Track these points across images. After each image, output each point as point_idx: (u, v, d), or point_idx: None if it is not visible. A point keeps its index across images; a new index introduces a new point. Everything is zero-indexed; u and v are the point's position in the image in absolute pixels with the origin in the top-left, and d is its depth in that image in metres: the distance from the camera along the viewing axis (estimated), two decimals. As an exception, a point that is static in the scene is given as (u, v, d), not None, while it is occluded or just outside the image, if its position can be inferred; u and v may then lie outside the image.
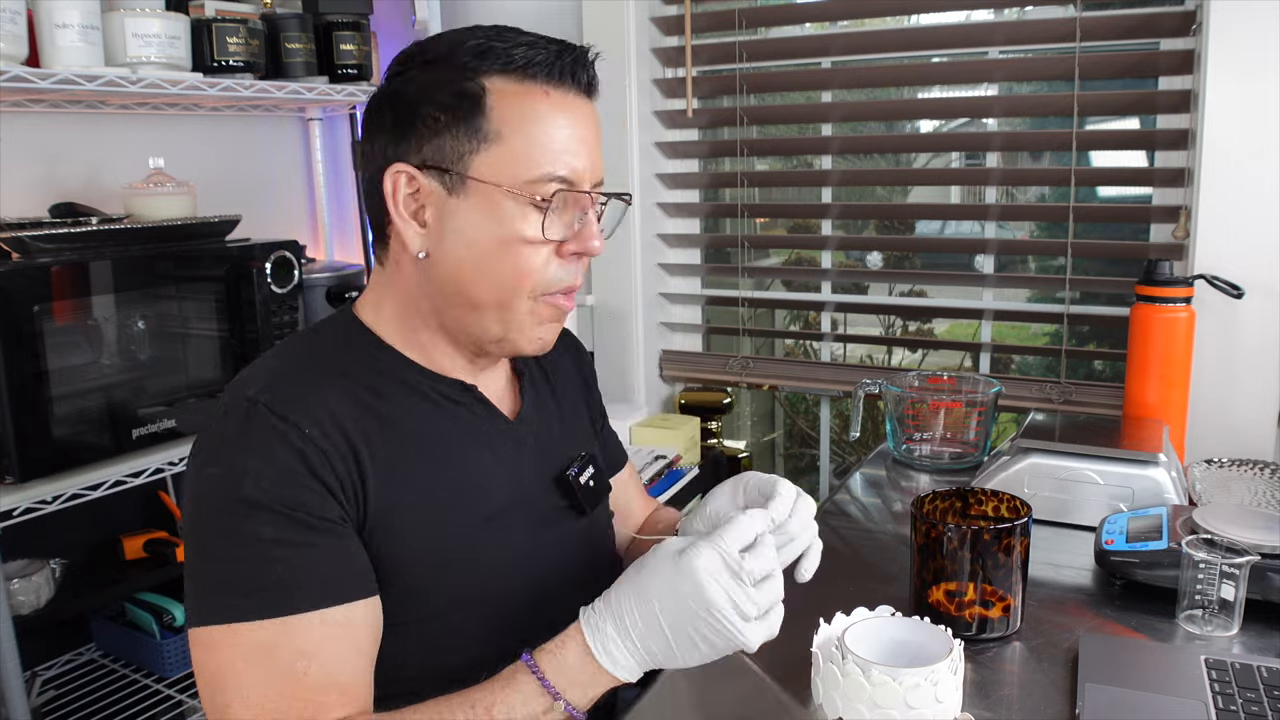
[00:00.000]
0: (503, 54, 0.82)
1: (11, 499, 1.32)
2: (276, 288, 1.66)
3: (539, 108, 0.82)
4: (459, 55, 0.82)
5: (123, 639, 1.72)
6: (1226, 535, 0.96)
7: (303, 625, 0.74)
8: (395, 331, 0.90)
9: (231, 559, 0.76)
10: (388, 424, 0.84)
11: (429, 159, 0.83)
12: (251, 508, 0.76)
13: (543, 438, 0.97)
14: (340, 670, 0.76)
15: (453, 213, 0.83)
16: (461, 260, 0.83)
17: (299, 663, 0.74)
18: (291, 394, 0.81)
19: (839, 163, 2.03)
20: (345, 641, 0.77)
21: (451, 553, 0.85)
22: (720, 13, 1.94)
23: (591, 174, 0.85)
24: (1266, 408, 1.48)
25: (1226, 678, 0.83)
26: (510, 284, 0.83)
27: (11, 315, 1.31)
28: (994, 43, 1.75)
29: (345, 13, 1.89)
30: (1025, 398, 1.74)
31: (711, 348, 2.17)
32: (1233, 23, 1.42)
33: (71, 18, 1.41)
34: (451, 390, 0.90)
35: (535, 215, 0.82)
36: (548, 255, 0.84)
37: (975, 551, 0.92)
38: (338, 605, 0.76)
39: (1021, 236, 1.97)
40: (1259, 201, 1.44)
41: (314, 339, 0.90)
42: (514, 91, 0.82)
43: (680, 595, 0.72)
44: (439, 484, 0.86)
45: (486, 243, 0.82)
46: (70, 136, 1.72)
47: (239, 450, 0.78)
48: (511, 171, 0.81)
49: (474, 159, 0.81)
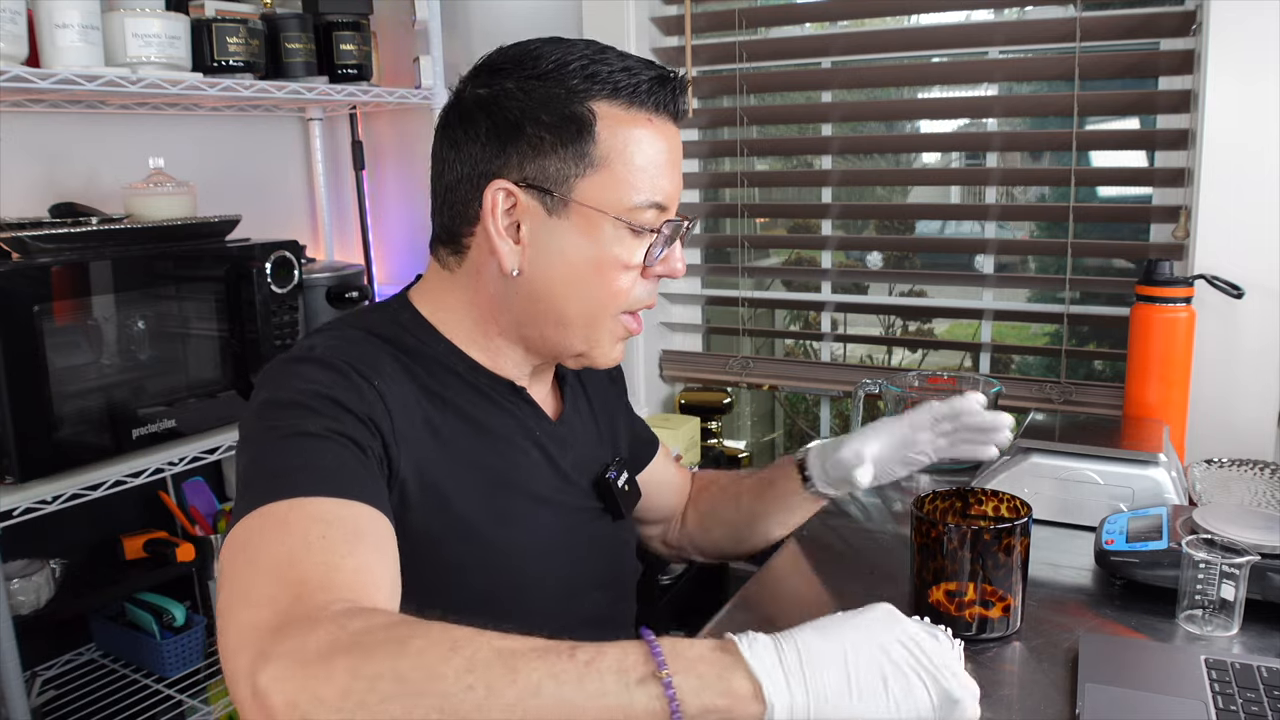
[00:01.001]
0: (608, 79, 0.82)
1: (11, 499, 1.32)
2: (276, 288, 1.66)
3: (643, 135, 0.83)
4: (567, 75, 0.82)
5: (123, 639, 1.72)
6: (1226, 535, 0.96)
7: (324, 504, 0.67)
8: (459, 330, 0.90)
9: (265, 454, 0.71)
10: (446, 404, 0.86)
11: (531, 177, 0.83)
12: (296, 408, 0.73)
13: (583, 440, 0.99)
14: (363, 551, 0.66)
15: (551, 232, 0.83)
16: (556, 279, 0.84)
17: (314, 528, 0.65)
18: (361, 357, 0.80)
19: (839, 163, 2.03)
20: (369, 534, 0.68)
21: (482, 539, 0.86)
22: (720, 13, 1.94)
23: (678, 198, 0.88)
24: (1266, 408, 1.48)
25: (1226, 678, 0.83)
26: (602, 303, 0.85)
27: (11, 315, 1.31)
28: (994, 43, 1.75)
29: (345, 13, 1.89)
30: (1025, 398, 1.74)
31: (711, 348, 2.17)
32: (1233, 23, 1.42)
33: (71, 18, 1.41)
34: (501, 390, 0.91)
35: (631, 239, 0.84)
36: (635, 277, 0.86)
37: (975, 551, 0.92)
38: (365, 503, 0.70)
39: (1021, 236, 1.96)
40: (1259, 201, 1.44)
41: (363, 319, 0.89)
42: (621, 118, 0.83)
43: (869, 622, 0.60)
44: (478, 472, 0.87)
45: (583, 264, 0.84)
46: (70, 136, 1.72)
47: (295, 376, 0.76)
48: (616, 198, 0.83)
49: (579, 183, 0.82)
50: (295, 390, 0.76)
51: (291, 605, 0.58)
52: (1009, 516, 1.00)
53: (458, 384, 0.88)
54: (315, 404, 0.74)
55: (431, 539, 0.82)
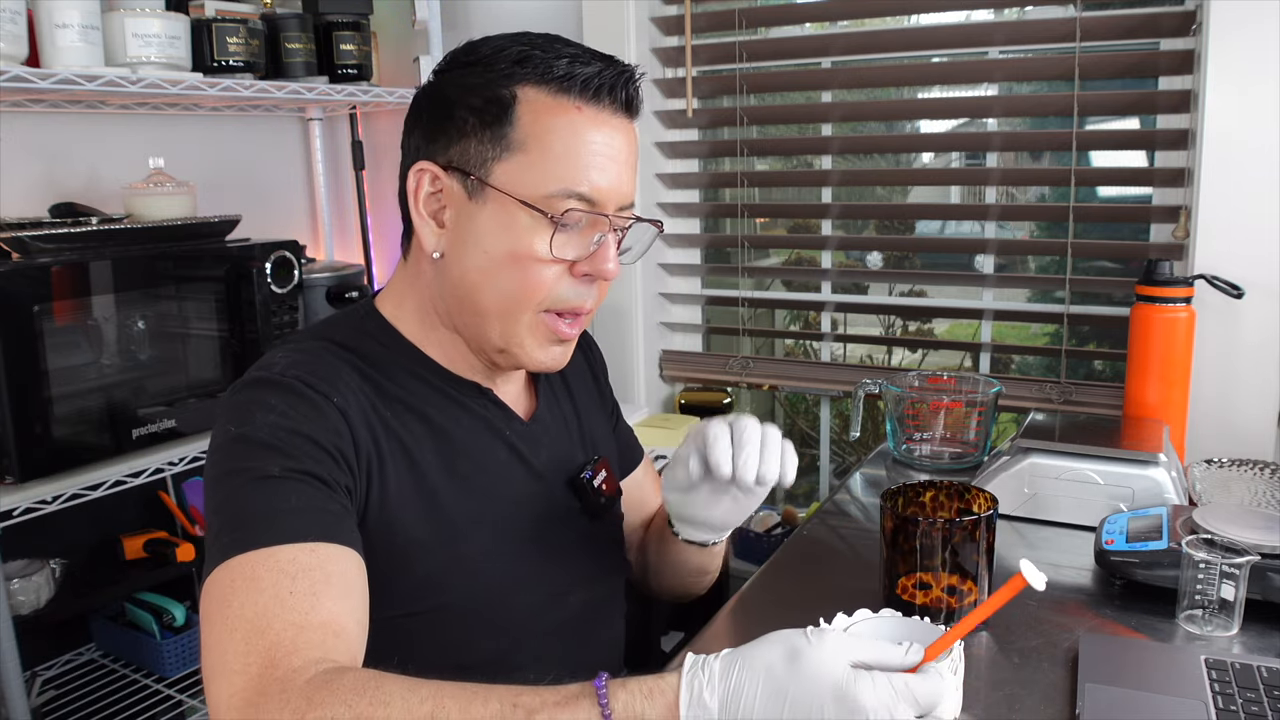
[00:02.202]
0: (541, 63, 0.81)
1: (11, 499, 1.32)
2: (276, 288, 1.66)
3: (568, 122, 0.81)
4: (499, 60, 0.81)
5: (123, 639, 1.72)
6: (1226, 535, 0.96)
7: (291, 552, 0.70)
8: (415, 328, 0.90)
9: (233, 499, 0.74)
10: (408, 411, 0.85)
11: (455, 160, 0.82)
12: (261, 448, 0.75)
13: (557, 440, 0.97)
14: (329, 601, 0.70)
15: (470, 217, 0.82)
16: (471, 266, 0.83)
17: (283, 583, 0.68)
18: (317, 370, 0.81)
19: (839, 163, 2.03)
20: (336, 578, 0.71)
21: (459, 543, 0.85)
22: (720, 13, 1.94)
23: (616, 195, 0.84)
24: (1266, 408, 1.48)
25: (1226, 678, 0.83)
26: (516, 296, 0.82)
27: (11, 315, 1.31)
28: (994, 43, 1.75)
29: (345, 13, 1.89)
30: (1025, 398, 1.74)
31: (711, 348, 2.17)
32: (1233, 23, 1.42)
33: (71, 18, 1.41)
34: (467, 391, 0.90)
35: (548, 230, 0.80)
36: (559, 273, 0.83)
37: (945, 543, 0.94)
38: (331, 543, 0.72)
39: (1021, 236, 1.96)
40: (1259, 201, 1.44)
41: (328, 329, 0.90)
42: (545, 104, 0.81)
43: (810, 697, 0.59)
44: (447, 476, 0.86)
45: (498, 253, 0.81)
46: (70, 136, 1.72)
47: (258, 405, 0.77)
48: (530, 183, 0.80)
49: (496, 166, 0.81)
50: (258, 425, 0.76)
51: (262, 673, 0.63)
52: (975, 510, 1.02)
53: (423, 389, 0.87)
54: (278, 440, 0.75)
55: (403, 550, 0.82)
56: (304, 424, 0.77)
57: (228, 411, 0.79)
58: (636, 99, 0.86)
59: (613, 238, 0.85)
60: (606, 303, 2.07)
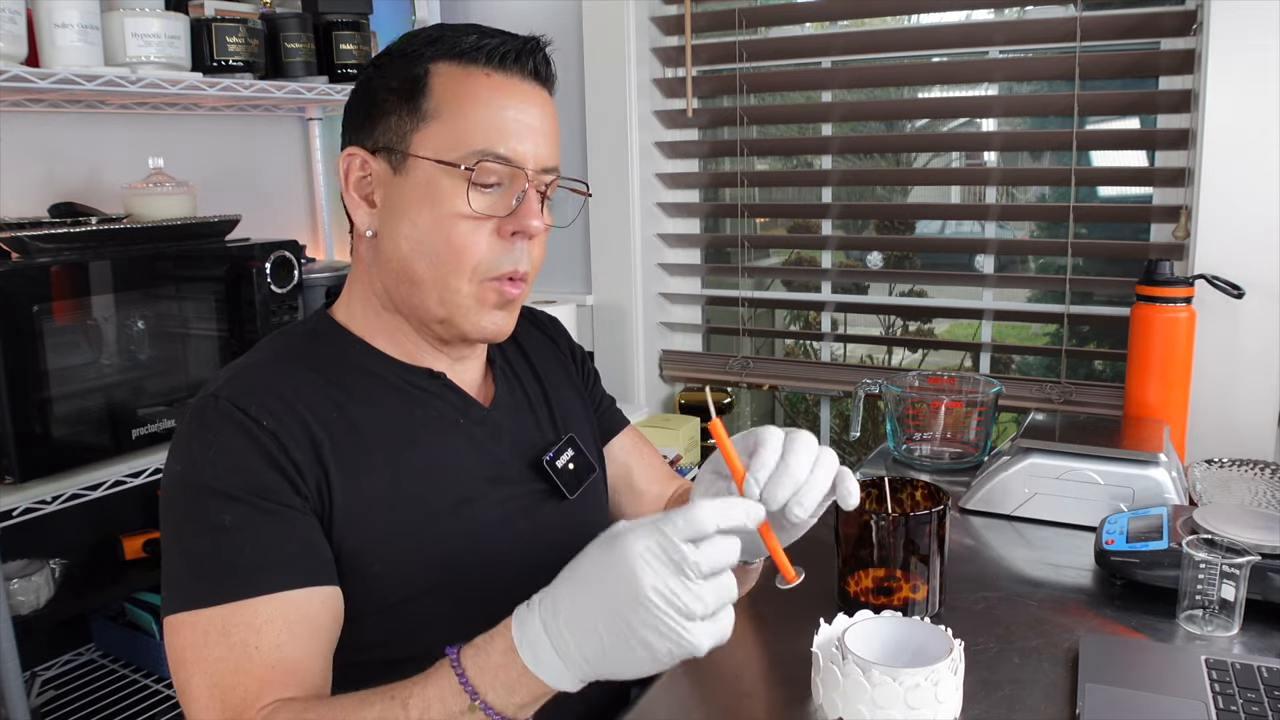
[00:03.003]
0: (451, 41, 0.85)
1: (11, 499, 1.32)
2: (276, 288, 1.66)
3: (477, 88, 0.84)
4: (413, 44, 0.86)
5: (123, 639, 1.72)
6: (1226, 535, 0.96)
7: (256, 606, 0.75)
8: (362, 321, 0.92)
9: (193, 547, 0.78)
10: (352, 415, 0.86)
11: (379, 141, 0.86)
12: (210, 495, 0.78)
13: (520, 423, 0.97)
14: (292, 649, 0.75)
15: (397, 191, 0.85)
16: (402, 237, 0.85)
17: (250, 639, 0.74)
18: (252, 390, 0.83)
19: (839, 162, 2.03)
20: (299, 623, 0.76)
21: (420, 540, 0.86)
22: (720, 13, 1.94)
23: (535, 158, 0.86)
24: (1266, 408, 1.48)
25: (1227, 678, 0.83)
26: (447, 261, 0.84)
27: (11, 315, 1.31)
28: (994, 43, 1.75)
29: (345, 13, 1.90)
30: (1025, 398, 1.74)
31: (711, 348, 2.17)
32: (1233, 23, 1.42)
33: (71, 17, 1.41)
34: (419, 378, 0.91)
35: (467, 190, 0.83)
36: (487, 234, 0.85)
37: (899, 537, 0.96)
38: (292, 589, 0.76)
39: (1021, 236, 1.96)
40: (1259, 201, 1.44)
41: (282, 338, 0.93)
42: (455, 74, 0.84)
43: (612, 586, 0.62)
44: (405, 472, 0.86)
45: (425, 220, 0.84)
46: (70, 136, 1.72)
47: (199, 442, 0.80)
48: (446, 147, 0.83)
49: (414, 136, 0.84)
50: (201, 466, 0.78)
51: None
52: (927, 505, 1.03)
53: (368, 385, 0.88)
54: (222, 484, 0.78)
55: (362, 550, 0.82)
56: (242, 456, 0.79)
57: (175, 445, 0.83)
58: (545, 67, 0.88)
59: (535, 194, 0.86)
60: (607, 303, 2.08)
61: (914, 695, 0.75)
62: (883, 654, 0.82)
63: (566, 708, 0.79)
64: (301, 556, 0.78)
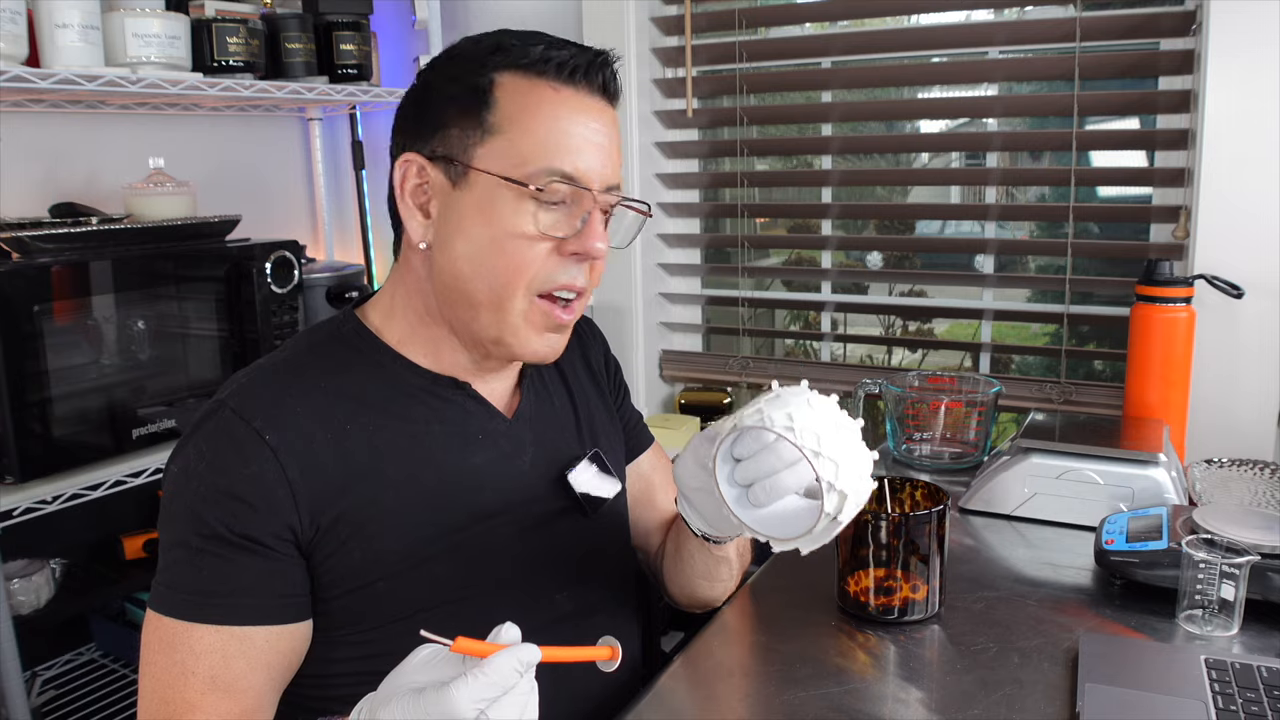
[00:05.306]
0: (517, 50, 0.82)
1: (11, 499, 1.32)
2: (276, 288, 1.66)
3: (544, 103, 0.81)
4: (476, 51, 0.83)
5: (123, 639, 1.72)
6: (1226, 535, 0.96)
7: (200, 632, 0.77)
8: (402, 329, 0.89)
9: (169, 553, 0.81)
10: (366, 426, 0.84)
11: (438, 150, 0.83)
12: (188, 511, 0.79)
13: (547, 436, 0.96)
14: (226, 679, 0.77)
15: (455, 204, 0.83)
16: (459, 254, 0.83)
17: (189, 660, 0.76)
18: (261, 399, 0.81)
19: (839, 163, 2.03)
20: (237, 659, 0.77)
21: (431, 552, 0.84)
22: (720, 13, 1.94)
23: (601, 176, 0.83)
24: (1266, 408, 1.48)
25: (1226, 678, 0.83)
26: (504, 279, 0.82)
27: (11, 315, 1.31)
28: (994, 43, 1.75)
29: (345, 13, 1.90)
30: (1025, 398, 1.74)
31: (711, 348, 2.17)
32: (1233, 23, 1.42)
33: (71, 18, 1.41)
34: (443, 388, 0.89)
35: (532, 208, 0.81)
36: (546, 252, 0.82)
37: (900, 538, 0.96)
38: (236, 625, 0.77)
39: (1021, 236, 1.96)
40: (1259, 201, 1.44)
41: (305, 338, 0.91)
42: (521, 87, 0.82)
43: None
44: (419, 484, 0.85)
45: (483, 237, 0.82)
46: (70, 136, 1.72)
47: (195, 450, 0.80)
48: (512, 163, 0.81)
49: (477, 150, 0.81)
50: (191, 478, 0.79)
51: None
52: (926, 504, 1.03)
53: (388, 395, 0.86)
54: (204, 507, 0.78)
55: (376, 569, 0.82)
56: (229, 477, 0.78)
57: (180, 442, 0.83)
58: (613, 83, 0.86)
59: (599, 215, 0.84)
60: (607, 303, 2.08)
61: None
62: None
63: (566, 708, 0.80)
64: (255, 592, 0.78)
